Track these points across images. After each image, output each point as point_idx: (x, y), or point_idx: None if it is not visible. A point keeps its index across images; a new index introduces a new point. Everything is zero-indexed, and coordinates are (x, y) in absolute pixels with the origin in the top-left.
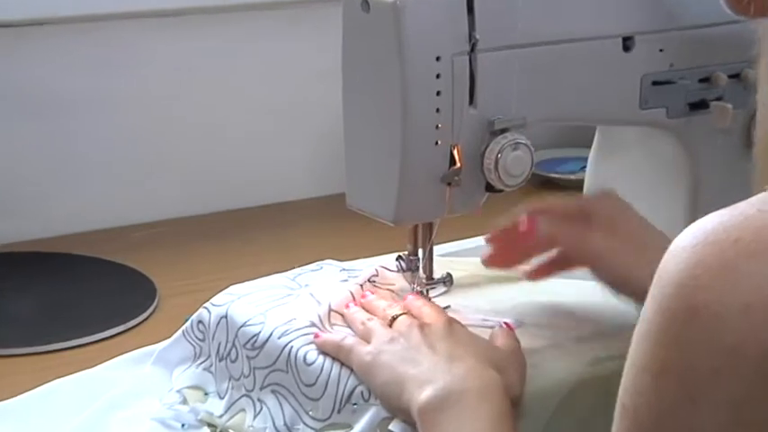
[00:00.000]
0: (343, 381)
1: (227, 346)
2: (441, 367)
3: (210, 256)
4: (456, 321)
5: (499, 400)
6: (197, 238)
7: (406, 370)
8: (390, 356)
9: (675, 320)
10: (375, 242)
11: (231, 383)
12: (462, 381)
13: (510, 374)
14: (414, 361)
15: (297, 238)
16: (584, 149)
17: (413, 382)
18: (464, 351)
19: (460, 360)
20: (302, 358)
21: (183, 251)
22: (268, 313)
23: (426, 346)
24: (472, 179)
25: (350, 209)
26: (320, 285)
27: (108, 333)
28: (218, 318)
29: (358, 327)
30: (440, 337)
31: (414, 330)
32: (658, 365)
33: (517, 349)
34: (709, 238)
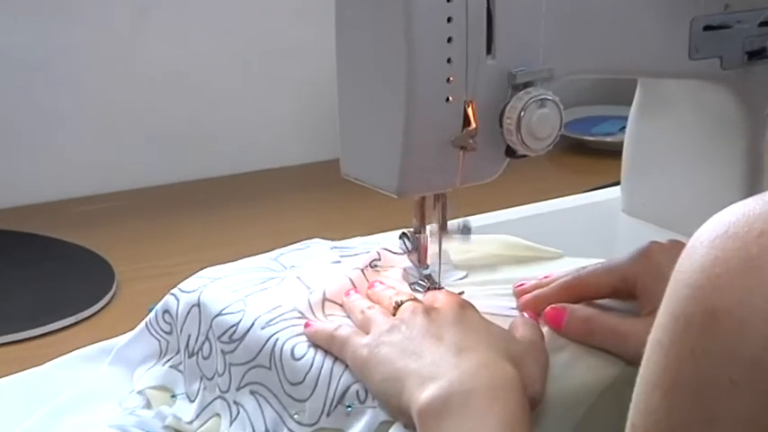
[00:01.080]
0: (336, 378)
1: (199, 340)
2: (446, 360)
3: (179, 234)
4: (470, 306)
5: (514, 399)
6: (162, 212)
7: (406, 364)
8: (389, 349)
9: (690, 328)
10: (375, 218)
11: (203, 384)
12: (471, 377)
13: (529, 369)
14: (416, 353)
15: (281, 213)
16: (622, 107)
17: (414, 378)
18: (475, 341)
19: (470, 351)
20: (289, 352)
21: (146, 228)
22: (248, 299)
23: (431, 336)
24: (490, 142)
25: (345, 178)
26: (309, 267)
27: (56, 326)
28: (189, 306)
29: (356, 315)
30: (448, 325)
31: (418, 317)
32: (670, 380)
33: (539, 342)
34: (731, 231)
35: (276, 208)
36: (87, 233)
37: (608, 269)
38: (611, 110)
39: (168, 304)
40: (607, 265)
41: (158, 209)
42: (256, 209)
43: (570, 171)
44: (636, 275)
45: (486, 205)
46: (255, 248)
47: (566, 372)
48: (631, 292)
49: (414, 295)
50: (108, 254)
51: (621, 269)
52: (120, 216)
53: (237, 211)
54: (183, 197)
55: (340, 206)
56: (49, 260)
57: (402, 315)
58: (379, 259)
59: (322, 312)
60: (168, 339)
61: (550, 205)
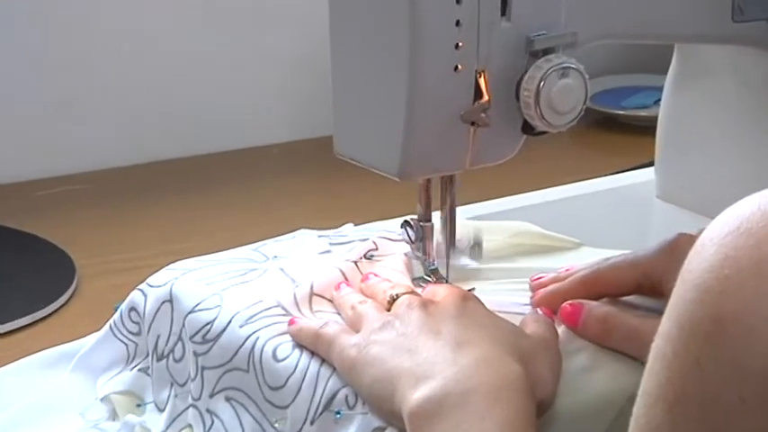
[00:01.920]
0: (323, 382)
1: (171, 340)
2: (443, 357)
3: (148, 223)
4: (474, 298)
5: (519, 400)
6: (130, 197)
7: (399, 362)
8: (381, 348)
9: (696, 336)
10: (372, 204)
11: (174, 390)
12: (469, 374)
13: (538, 368)
14: (410, 350)
15: (264, 199)
16: (658, 76)
17: (406, 377)
18: (477, 335)
19: (470, 346)
20: (270, 353)
21: (111, 215)
22: (225, 294)
23: (428, 331)
24: (504, 118)
25: (338, 158)
26: (295, 258)
27: (8, 327)
28: (158, 302)
29: (347, 311)
30: (447, 318)
31: (414, 311)
32: (674, 393)
33: (551, 340)
34: (743, 228)
35: (258, 193)
36: (44, 221)
37: (632, 263)
38: (645, 79)
39: (135, 301)
40: (631, 257)
41: (125, 193)
42: (236, 194)
43: (596, 150)
44: (662, 271)
45: (499, 189)
46: (234, 239)
47: (582, 379)
48: (657, 289)
49: (412, 288)
50: (68, 245)
51: (646, 263)
52: (81, 201)
53: (214, 197)
54: (153, 180)
55: (332, 191)
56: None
57: (397, 310)
58: (376, 249)
59: (309, 308)
60: (136, 342)
61: (573, 189)
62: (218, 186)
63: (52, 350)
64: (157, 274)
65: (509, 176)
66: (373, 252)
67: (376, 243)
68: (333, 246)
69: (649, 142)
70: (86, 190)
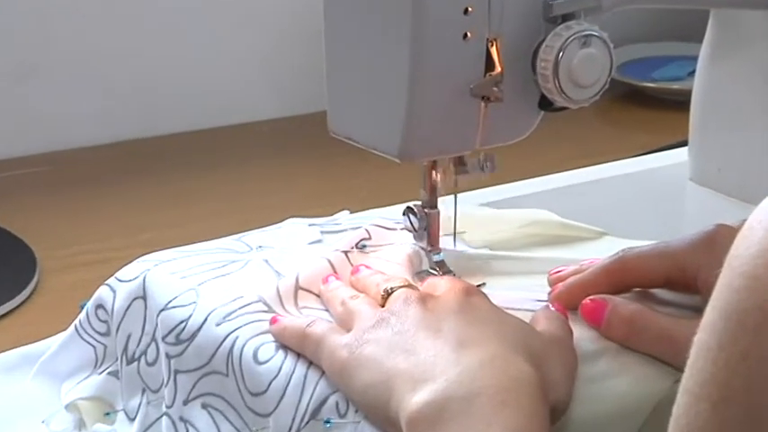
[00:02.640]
0: (310, 387)
1: (143, 341)
2: (443, 357)
3: (117, 211)
4: (479, 293)
5: (529, 405)
6: (96, 181)
7: (395, 364)
8: (375, 347)
9: (743, 327)
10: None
11: (146, 397)
12: (473, 376)
13: (551, 369)
14: (407, 350)
15: (248, 183)
16: (691, 45)
17: (403, 380)
18: (481, 333)
19: (474, 345)
20: (251, 354)
21: (76, 202)
22: (202, 289)
23: (426, 328)
24: (519, 91)
25: (333, 137)
26: (281, 249)
27: None
28: (129, 298)
29: (336, 307)
30: (448, 314)
31: (411, 307)
32: (719, 390)
33: (566, 339)
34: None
35: (243, 176)
36: (0, 208)
37: (662, 253)
38: (677, 48)
39: (102, 298)
40: (661, 247)
41: (92, 177)
42: (217, 178)
43: (623, 128)
44: (697, 266)
45: (513, 172)
46: (215, 229)
47: (603, 387)
48: (690, 284)
49: (408, 281)
50: (27, 235)
51: (679, 255)
52: (41, 186)
53: (193, 182)
54: (124, 162)
55: (326, 174)
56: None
57: (392, 306)
58: (369, 238)
59: (294, 304)
60: (105, 343)
61: (596, 172)
62: (198, 169)
63: (11, 353)
64: (128, 267)
65: (524, 158)
66: (366, 241)
67: (369, 232)
68: (325, 235)
69: (682, 119)
70: (48, 173)
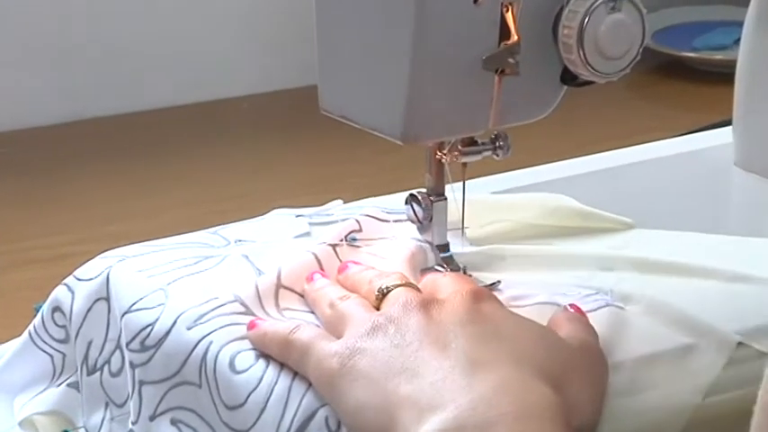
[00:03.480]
0: (295, 400)
1: (105, 348)
2: (453, 381)
3: (75, 200)
4: (490, 297)
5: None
6: (53, 167)
7: (395, 386)
8: (370, 360)
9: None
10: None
11: (110, 412)
12: (488, 404)
13: (575, 389)
14: (409, 369)
15: (230, 167)
16: (737, 9)
17: (407, 407)
18: (494, 353)
19: (487, 369)
20: (227, 363)
21: (29, 190)
22: (172, 288)
23: (431, 343)
24: (539, 63)
25: (325, 115)
26: (263, 243)
27: None
28: (89, 299)
29: (324, 310)
30: (456, 326)
31: (412, 314)
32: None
33: (592, 344)
34: None
35: (221, 160)
36: None
37: None
38: (722, 12)
39: (59, 299)
40: None
41: (47, 161)
42: (191, 162)
43: (659, 105)
44: None
45: (532, 156)
46: (188, 221)
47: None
48: None
49: (406, 277)
50: None
51: None
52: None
53: (163, 166)
54: (84, 144)
55: (317, 158)
56: None
57: (390, 310)
58: (360, 230)
59: (275, 305)
60: (63, 351)
61: (627, 155)
62: (169, 152)
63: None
64: (88, 264)
65: (544, 140)
66: (356, 234)
67: (360, 223)
68: (314, 227)
69: (726, 94)
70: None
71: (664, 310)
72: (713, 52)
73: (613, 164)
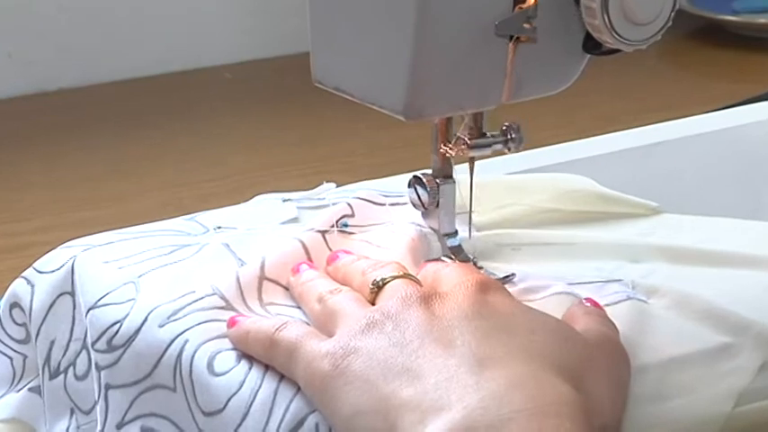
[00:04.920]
0: (282, 404)
1: (70, 349)
2: (459, 380)
3: (37, 181)
4: (498, 287)
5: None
6: (13, 143)
7: (395, 388)
8: (367, 361)
9: None
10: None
11: (76, 420)
12: (500, 402)
13: (595, 388)
14: (409, 370)
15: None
16: None
17: (408, 410)
18: (504, 348)
19: (498, 366)
20: (205, 364)
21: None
22: (143, 281)
23: (434, 340)
24: (558, 29)
25: (318, 87)
26: (245, 230)
27: None
28: (51, 293)
29: (312, 305)
30: (461, 321)
31: (412, 309)
32: None
33: (613, 338)
34: None
35: (200, 137)
36: None
37: None
38: None
39: (17, 294)
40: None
41: (3, 138)
42: (167, 139)
43: (695, 75)
44: None
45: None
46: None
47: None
48: None
49: (404, 268)
50: None
51: None
52: None
53: (135, 144)
54: (47, 118)
55: (308, 136)
56: None
57: (386, 305)
58: (352, 214)
59: (258, 299)
60: (24, 353)
61: (657, 132)
62: (142, 128)
63: None
64: (49, 254)
65: (564, 115)
66: (348, 219)
67: (352, 206)
68: (302, 211)
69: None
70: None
71: (694, 303)
72: (755, 15)
73: (640, 143)
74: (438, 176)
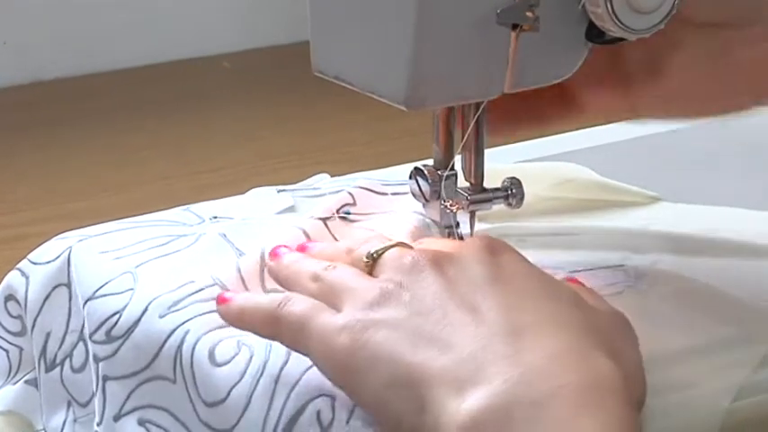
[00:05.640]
0: (283, 392)
1: (66, 341)
2: (495, 351)
3: (31, 172)
4: (506, 247)
5: (615, 406)
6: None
7: (426, 359)
8: (391, 333)
9: None
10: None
11: (73, 413)
12: (544, 375)
13: (627, 359)
14: (440, 339)
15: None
16: None
17: (443, 380)
18: (535, 314)
19: (534, 335)
20: (206, 354)
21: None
22: (141, 271)
23: (457, 307)
24: (560, 18)
25: (317, 77)
26: (241, 219)
27: None
28: (47, 285)
29: (308, 285)
30: (479, 284)
31: (425, 273)
32: None
33: (619, 313)
34: None
35: (196, 127)
36: None
37: None
38: None
39: (12, 286)
40: None
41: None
42: (163, 130)
43: None
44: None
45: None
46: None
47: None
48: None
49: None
50: None
51: None
52: None
53: (130, 135)
54: (44, 107)
55: (308, 126)
56: None
57: (395, 273)
58: (354, 203)
59: (260, 287)
60: (20, 345)
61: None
62: (139, 117)
63: None
64: (44, 245)
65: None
66: (350, 207)
67: (353, 195)
68: (299, 200)
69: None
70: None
71: (697, 293)
72: None
73: (645, 132)
74: (439, 167)
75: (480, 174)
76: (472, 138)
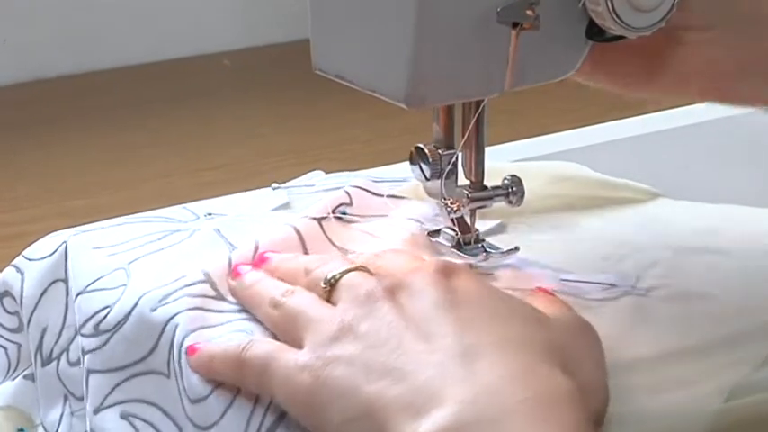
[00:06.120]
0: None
1: (62, 335)
2: (450, 375)
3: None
4: (460, 270)
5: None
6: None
7: (381, 388)
8: (348, 368)
9: None
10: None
11: (69, 406)
12: (494, 395)
13: (583, 371)
14: (393, 369)
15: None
16: None
17: (398, 408)
18: (487, 336)
19: (485, 356)
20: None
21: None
22: (134, 267)
23: (412, 337)
24: (561, 16)
25: (318, 75)
26: (236, 216)
27: None
28: (43, 281)
29: (267, 311)
30: (433, 311)
31: (381, 306)
32: None
33: (582, 323)
34: None
35: (196, 125)
36: None
37: None
38: None
39: (8, 282)
40: None
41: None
42: (161, 127)
43: None
44: None
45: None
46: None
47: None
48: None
49: (347, 258)
50: None
51: None
52: None
53: (128, 132)
54: (41, 106)
55: (308, 124)
56: None
57: (352, 306)
58: (350, 203)
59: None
60: (18, 341)
61: (667, 119)
62: (139, 115)
63: None
64: (39, 242)
65: (569, 102)
66: (346, 207)
67: (350, 195)
68: (294, 197)
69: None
70: None
71: (696, 295)
72: None
73: (647, 130)
74: (440, 147)
75: (481, 172)
76: (473, 136)
